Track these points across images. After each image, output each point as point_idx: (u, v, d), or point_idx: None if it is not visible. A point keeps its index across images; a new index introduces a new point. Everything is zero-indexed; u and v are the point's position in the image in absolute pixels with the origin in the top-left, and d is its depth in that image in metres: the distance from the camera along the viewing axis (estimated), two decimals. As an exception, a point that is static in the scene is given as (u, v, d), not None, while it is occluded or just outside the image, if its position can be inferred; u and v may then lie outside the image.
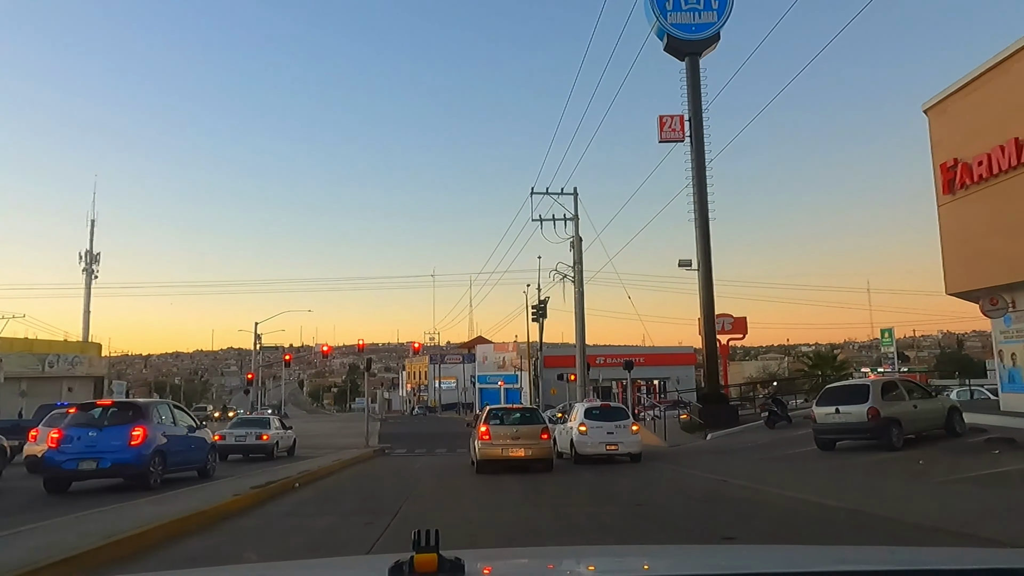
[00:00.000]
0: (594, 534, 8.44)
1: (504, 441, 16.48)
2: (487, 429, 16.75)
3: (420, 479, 16.43)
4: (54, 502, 11.69)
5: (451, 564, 1.58)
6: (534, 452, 16.48)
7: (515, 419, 17.36)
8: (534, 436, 16.71)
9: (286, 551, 7.44)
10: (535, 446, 16.54)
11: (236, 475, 14.99)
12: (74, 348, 77.32)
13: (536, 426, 17.26)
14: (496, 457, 16.31)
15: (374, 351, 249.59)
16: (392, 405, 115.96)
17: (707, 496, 12.21)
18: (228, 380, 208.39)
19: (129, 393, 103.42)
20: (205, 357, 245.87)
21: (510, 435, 16.58)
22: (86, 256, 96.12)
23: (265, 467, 17.74)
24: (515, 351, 68.11)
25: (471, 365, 79.52)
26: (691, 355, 65.44)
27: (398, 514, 10.11)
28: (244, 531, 9.00)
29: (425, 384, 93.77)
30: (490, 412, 17.87)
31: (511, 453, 16.31)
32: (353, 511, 10.87)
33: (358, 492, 13.78)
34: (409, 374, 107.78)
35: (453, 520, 9.75)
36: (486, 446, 16.47)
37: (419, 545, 1.60)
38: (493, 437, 16.52)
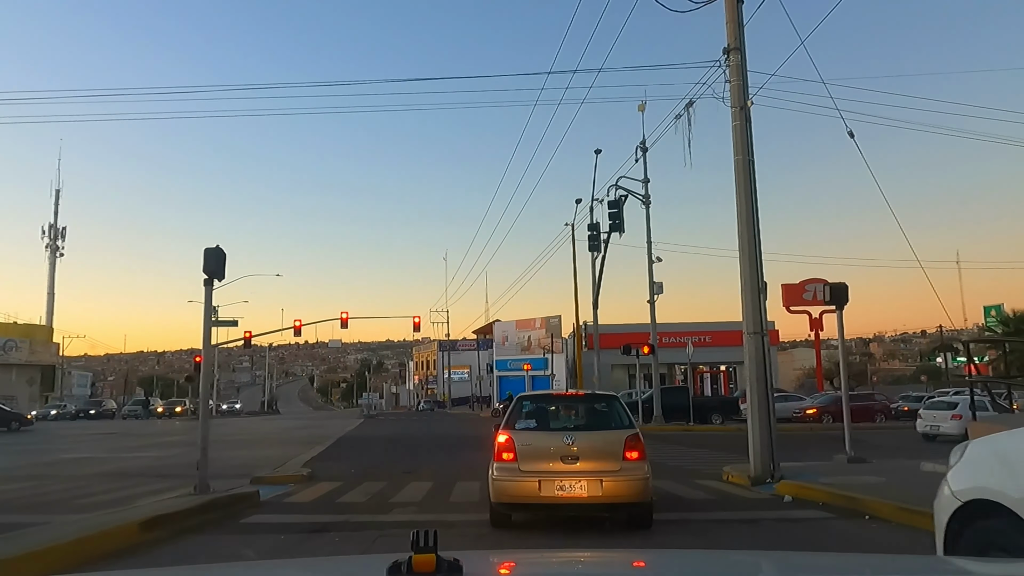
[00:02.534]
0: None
1: (545, 464, 7.58)
2: (509, 439, 7.79)
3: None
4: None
5: (449, 565, 1.55)
6: (611, 489, 7.49)
7: (569, 416, 8.83)
8: (610, 453, 7.72)
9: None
10: (614, 475, 7.56)
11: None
12: (14, 331, 66.20)
13: (613, 433, 8.05)
14: (528, 499, 7.53)
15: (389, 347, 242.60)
16: (400, 400, 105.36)
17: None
18: (239, 376, 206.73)
19: (94, 386, 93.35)
20: (220, 353, 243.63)
21: (559, 451, 7.64)
22: (50, 231, 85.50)
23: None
24: (543, 328, 54.94)
25: (487, 353, 66.67)
26: (772, 332, 51.98)
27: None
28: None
29: (434, 375, 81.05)
30: (519, 403, 8.68)
31: (561, 492, 7.44)
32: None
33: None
34: (417, 365, 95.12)
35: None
36: (508, 474, 7.65)
37: (417, 545, 1.57)
38: (523, 455, 7.65)
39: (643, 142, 28.80)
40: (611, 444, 7.66)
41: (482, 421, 41.29)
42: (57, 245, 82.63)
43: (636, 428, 8.01)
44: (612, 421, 8.21)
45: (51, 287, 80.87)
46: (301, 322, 51.52)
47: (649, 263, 29.11)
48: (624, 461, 7.48)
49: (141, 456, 18.29)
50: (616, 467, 7.45)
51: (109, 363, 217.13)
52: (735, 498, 10.44)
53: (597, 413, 8.66)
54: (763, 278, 11.96)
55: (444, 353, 71.80)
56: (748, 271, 11.87)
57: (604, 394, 9.57)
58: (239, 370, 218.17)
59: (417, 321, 50.68)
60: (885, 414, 32.90)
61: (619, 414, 8.29)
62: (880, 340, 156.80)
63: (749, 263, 11.87)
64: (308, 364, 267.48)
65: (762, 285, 11.92)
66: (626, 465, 7.47)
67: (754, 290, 11.84)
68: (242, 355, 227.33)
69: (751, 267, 11.86)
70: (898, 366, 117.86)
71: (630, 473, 7.44)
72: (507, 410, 8.54)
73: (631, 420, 8.19)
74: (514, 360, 56.19)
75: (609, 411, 8.48)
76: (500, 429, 7.90)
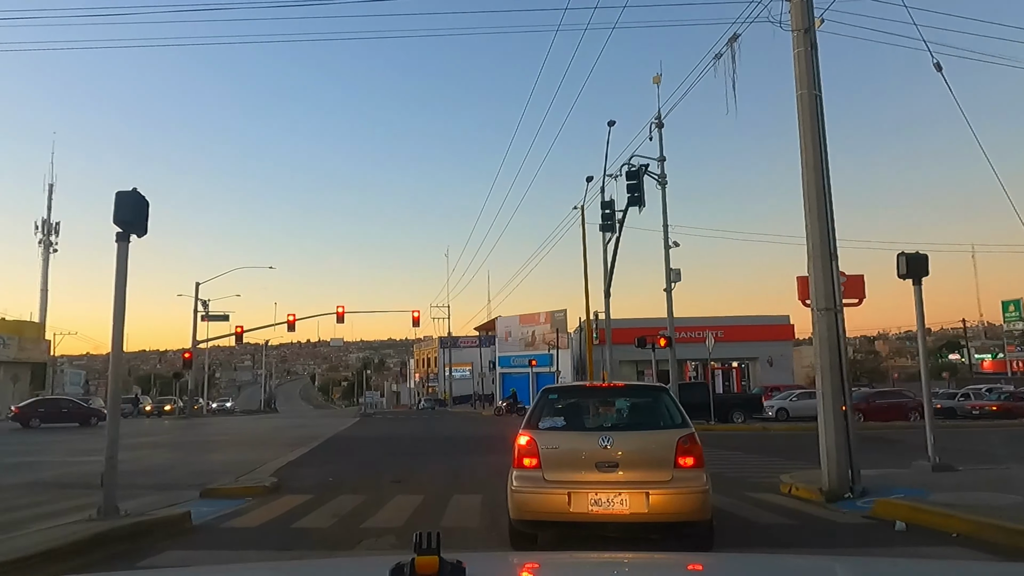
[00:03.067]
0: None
1: (577, 473, 6.09)
2: (531, 442, 6.29)
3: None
4: None
5: (452, 567, 1.55)
6: (660, 505, 5.90)
7: (606, 413, 7.19)
8: (659, 459, 6.12)
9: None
10: (663, 487, 5.97)
11: None
12: (3, 328, 63.88)
13: (662, 433, 6.40)
14: (555, 515, 6.03)
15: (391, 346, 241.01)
16: (401, 398, 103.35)
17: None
18: (240, 374, 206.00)
19: (87, 384, 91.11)
20: (221, 352, 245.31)
21: (594, 456, 6.08)
22: (43, 226, 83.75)
23: None
24: (548, 322, 52.52)
25: (489, 350, 64.32)
26: (787, 327, 49.56)
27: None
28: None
29: (435, 373, 78.75)
30: (544, 397, 6.99)
31: (596, 508, 5.92)
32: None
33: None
34: (418, 362, 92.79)
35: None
36: (530, 484, 6.15)
37: (420, 547, 1.57)
38: (548, 462, 6.16)
39: (659, 117, 26.41)
40: (660, 447, 6.18)
41: (484, 420, 39.01)
42: (51, 241, 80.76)
43: (691, 427, 6.36)
44: (660, 418, 6.67)
45: (44, 283, 79.06)
46: (295, 316, 49.55)
47: (665, 248, 26.72)
48: (676, 469, 6.03)
49: (94, 460, 15.99)
50: (666, 476, 5.99)
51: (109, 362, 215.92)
52: (816, 521, 8.04)
53: (642, 409, 7.14)
54: (835, 240, 9.59)
55: (445, 350, 69.43)
56: (817, 232, 9.50)
57: (650, 385, 8.06)
58: (240, 369, 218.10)
59: (416, 315, 48.46)
60: (919, 412, 30.40)
61: (669, 410, 6.71)
62: (885, 338, 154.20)
63: (819, 222, 9.50)
64: (310, 363, 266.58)
65: (834, 249, 9.55)
66: (679, 474, 6.01)
67: (825, 255, 9.47)
68: (244, 354, 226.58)
69: (820, 226, 9.49)
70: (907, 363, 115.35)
71: (684, 484, 5.97)
72: (528, 413, 6.92)
73: (684, 417, 6.51)
74: (517, 357, 53.80)
75: (656, 406, 6.91)
76: (521, 429, 6.46)
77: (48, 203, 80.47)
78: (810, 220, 9.55)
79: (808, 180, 9.62)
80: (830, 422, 9.15)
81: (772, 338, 49.37)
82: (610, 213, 25.22)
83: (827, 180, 9.63)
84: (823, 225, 9.49)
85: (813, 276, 9.49)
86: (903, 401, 31.36)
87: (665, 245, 26.75)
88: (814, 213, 9.53)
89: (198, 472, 13.51)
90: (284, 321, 49.75)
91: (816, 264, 9.47)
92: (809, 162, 9.61)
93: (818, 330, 9.35)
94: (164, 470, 14.42)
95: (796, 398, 34.28)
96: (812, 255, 9.51)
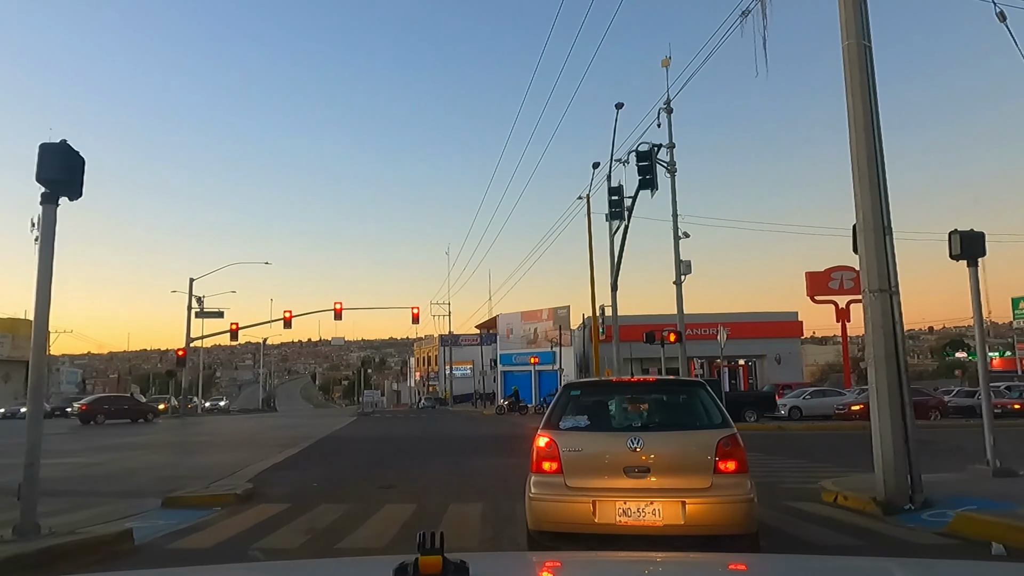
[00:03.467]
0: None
1: (602, 479, 5.42)
2: (550, 444, 5.56)
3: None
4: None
5: (456, 567, 1.52)
6: (698, 515, 5.19)
7: (635, 412, 6.46)
8: (696, 463, 5.41)
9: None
10: (702, 495, 5.26)
11: None
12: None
13: (700, 434, 5.66)
14: (579, 525, 5.31)
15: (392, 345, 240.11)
16: (401, 397, 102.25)
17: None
18: (241, 374, 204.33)
19: (84, 383, 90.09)
20: (222, 351, 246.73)
21: (622, 459, 5.38)
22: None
23: None
24: (551, 319, 51.21)
25: (491, 348, 63.05)
26: (796, 324, 48.24)
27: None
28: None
29: (435, 371, 77.52)
30: (566, 394, 6.29)
31: (625, 518, 5.22)
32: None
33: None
34: (418, 361, 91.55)
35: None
36: (550, 491, 5.48)
37: (424, 547, 1.53)
38: (570, 466, 5.48)
39: (668, 101, 25.16)
40: (697, 450, 5.50)
41: (485, 419, 37.75)
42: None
43: (732, 427, 5.62)
44: (697, 417, 5.93)
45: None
46: (291, 313, 48.39)
47: (675, 238, 25.46)
48: (717, 475, 5.36)
49: (61, 464, 14.75)
50: (705, 483, 5.34)
51: (112, 361, 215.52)
52: (883, 540, 6.74)
53: (676, 406, 6.40)
54: (889, 211, 8.34)
55: (445, 348, 68.19)
56: (868, 202, 8.24)
57: (685, 380, 7.71)
58: (241, 368, 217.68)
59: (416, 312, 47.24)
60: (941, 411, 29.23)
61: (707, 407, 5.93)
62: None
63: (870, 191, 8.25)
64: (311, 362, 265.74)
65: (888, 222, 8.29)
66: (720, 480, 5.35)
67: (878, 228, 8.22)
68: (245, 353, 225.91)
69: (872, 196, 8.24)
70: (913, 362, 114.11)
71: (726, 492, 5.30)
72: (547, 411, 6.18)
73: (725, 416, 5.77)
74: (519, 354, 52.52)
75: (693, 403, 6.12)
76: (540, 429, 5.78)
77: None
78: (860, 189, 8.29)
79: (857, 143, 8.36)
80: (886, 421, 7.90)
81: (780, 335, 48.11)
82: (618, 200, 23.88)
83: (879, 143, 8.38)
84: (875, 194, 8.23)
85: (864, 253, 8.22)
86: (923, 399, 30.08)
87: (674, 236, 25.50)
88: (865, 181, 8.27)
89: (170, 477, 12.29)
90: (280, 318, 48.62)
91: (867, 239, 8.21)
92: (858, 122, 8.35)
93: (870, 315, 8.09)
94: (133, 474, 13.18)
95: (809, 396, 33.12)
96: (863, 229, 8.25)
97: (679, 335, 25.11)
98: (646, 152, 22.02)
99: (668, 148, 25.19)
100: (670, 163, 25.10)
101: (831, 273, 47.98)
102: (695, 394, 6.15)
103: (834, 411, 29.91)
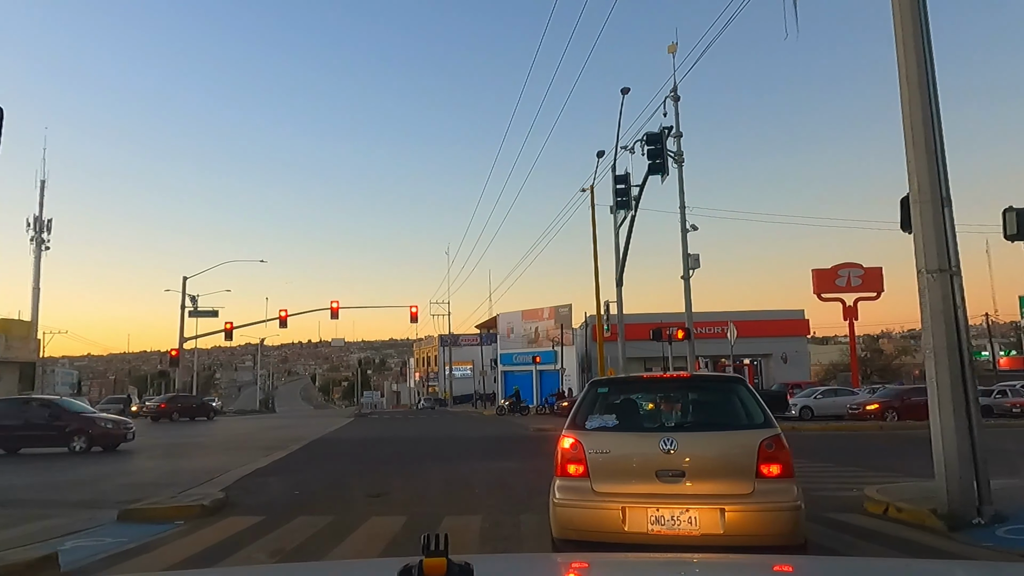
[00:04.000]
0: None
1: (633, 484, 5.01)
2: (575, 445, 5.20)
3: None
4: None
5: (460, 569, 1.52)
6: (740, 524, 4.78)
7: (668, 411, 5.95)
8: (736, 466, 4.99)
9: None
10: (743, 501, 4.83)
11: None
12: (-11, 326, 61.84)
13: (740, 435, 5.22)
14: (607, 534, 4.93)
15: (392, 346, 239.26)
16: (401, 398, 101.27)
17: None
18: (241, 375, 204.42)
19: (79, 385, 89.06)
20: (222, 353, 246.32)
21: (654, 462, 4.98)
22: (35, 223, 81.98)
23: None
24: (552, 318, 50.09)
25: (491, 348, 61.99)
26: (802, 322, 47.11)
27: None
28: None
29: (435, 372, 76.47)
30: (592, 391, 5.83)
31: (658, 527, 4.80)
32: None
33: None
34: (418, 361, 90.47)
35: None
36: (575, 496, 5.11)
37: (428, 549, 1.53)
38: (598, 469, 5.10)
39: (675, 89, 24.09)
40: (737, 452, 5.09)
41: (485, 420, 36.64)
42: (43, 238, 78.89)
43: (776, 427, 5.19)
44: (737, 416, 5.47)
45: (36, 282, 77.17)
46: (287, 312, 47.31)
47: (683, 231, 24.36)
48: (760, 479, 4.95)
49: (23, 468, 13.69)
50: (746, 488, 4.95)
51: (111, 362, 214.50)
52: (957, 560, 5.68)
53: (713, 405, 5.93)
54: (948, 182, 7.26)
55: (445, 348, 67.09)
56: (924, 170, 7.17)
57: (723, 376, 7.33)
58: (241, 369, 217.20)
59: (414, 311, 46.12)
60: (958, 410, 28.06)
61: (747, 405, 5.49)
62: (889, 336, 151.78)
63: (926, 157, 7.17)
64: (311, 363, 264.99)
65: (946, 193, 7.22)
66: (763, 486, 4.93)
67: (936, 201, 7.14)
68: (245, 354, 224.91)
69: (928, 163, 7.17)
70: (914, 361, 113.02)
71: (770, 499, 4.90)
72: (572, 411, 5.78)
73: (767, 415, 5.31)
74: (520, 354, 51.42)
75: (731, 401, 5.63)
76: (565, 430, 5.45)
77: (40, 199, 78.62)
78: (915, 155, 7.22)
79: (910, 102, 7.29)
80: (948, 420, 6.82)
81: (786, 333, 47.01)
82: (625, 188, 22.72)
83: (935, 101, 7.30)
84: (932, 162, 7.16)
85: (921, 228, 7.15)
86: (939, 398, 28.99)
87: (682, 228, 24.41)
88: (920, 146, 7.19)
89: (139, 484, 11.23)
90: (276, 317, 47.55)
91: (923, 212, 7.14)
92: (911, 78, 7.28)
93: (928, 299, 7.02)
94: (99, 480, 12.09)
95: (820, 395, 32.09)
96: (918, 200, 7.18)
97: (687, 331, 24.03)
98: (656, 135, 20.92)
99: (675, 137, 24.15)
100: (677, 152, 24.03)
101: (838, 270, 47.00)
102: (733, 391, 5.68)
103: (847, 411, 28.85)
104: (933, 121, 7.22)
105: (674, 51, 24.43)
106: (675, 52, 24.35)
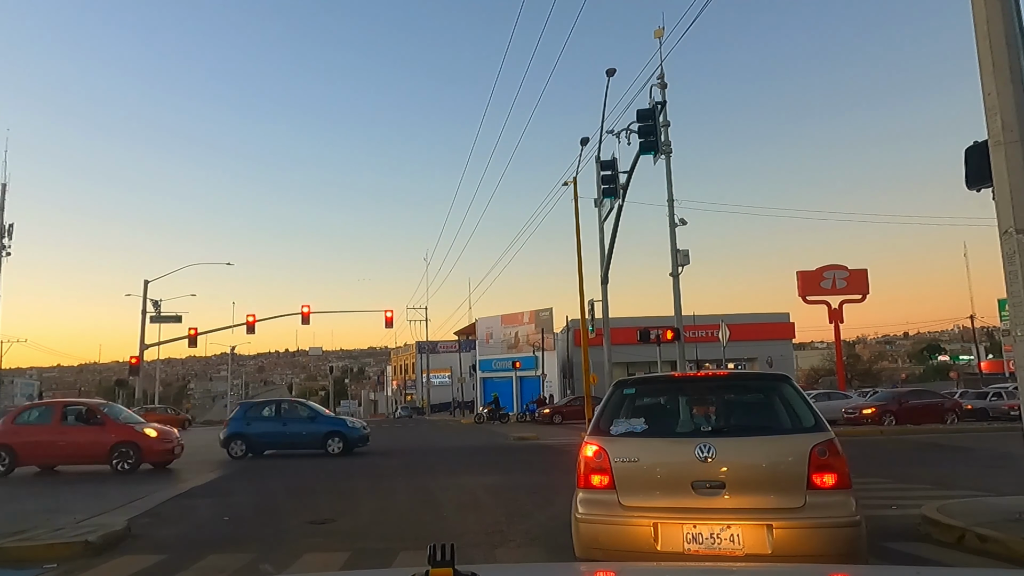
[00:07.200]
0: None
1: (665, 496, 4.39)
2: (599, 452, 4.57)
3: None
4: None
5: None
6: (789, 543, 4.06)
7: (703, 415, 5.11)
8: (783, 476, 4.28)
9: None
10: (792, 516, 4.13)
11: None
12: (-66, 335, 58.93)
13: (786, 440, 4.49)
14: (637, 554, 4.25)
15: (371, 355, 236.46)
16: (378, 407, 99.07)
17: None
18: (215, 385, 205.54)
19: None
20: (196, 363, 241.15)
21: (689, 472, 4.32)
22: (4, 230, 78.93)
23: None
24: (532, 322, 48.42)
25: (469, 354, 60.21)
26: (788, 326, 45.91)
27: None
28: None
29: (413, 379, 74.43)
30: (618, 392, 5.09)
31: (695, 546, 4.17)
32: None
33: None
34: (395, 369, 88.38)
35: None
36: (600, 511, 4.47)
37: (434, 560, 1.53)
38: (625, 480, 4.48)
39: (661, 76, 22.65)
40: (785, 460, 4.33)
41: (462, 429, 34.80)
42: (3, 244, 75.94)
43: (829, 431, 4.39)
44: (782, 419, 4.70)
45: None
46: (255, 317, 45.03)
47: (671, 226, 22.87)
48: (812, 491, 4.19)
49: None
50: (797, 501, 4.18)
51: (82, 373, 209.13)
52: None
53: (755, 406, 5.17)
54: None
55: (423, 355, 65.09)
56: (1010, 100, 5.61)
57: (765, 373, 6.25)
58: (216, 379, 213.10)
59: (389, 316, 44.05)
60: (958, 414, 26.90)
61: (794, 407, 4.67)
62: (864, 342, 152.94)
63: (1011, 85, 5.62)
64: (288, 372, 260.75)
65: (1036, 132, 5.65)
66: (816, 498, 4.17)
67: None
68: (220, 364, 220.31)
69: (1015, 92, 5.61)
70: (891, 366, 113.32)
71: (824, 513, 4.13)
72: (595, 415, 5.06)
73: (819, 418, 4.50)
74: (500, 360, 49.65)
75: (775, 402, 4.83)
76: (587, 436, 4.76)
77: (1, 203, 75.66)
78: (998, 82, 5.67)
79: (988, 20, 5.73)
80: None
81: (772, 337, 45.83)
82: (611, 175, 21.11)
83: (1020, 14, 5.75)
84: (1019, 94, 5.60)
85: (1008, 176, 5.58)
86: (938, 402, 27.81)
87: (670, 222, 22.89)
88: (1003, 72, 5.65)
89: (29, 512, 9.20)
90: (244, 323, 45.36)
91: (1011, 155, 5.57)
92: (990, -13, 5.72)
93: (1020, 264, 5.44)
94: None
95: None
96: (1003, 142, 5.62)
97: (677, 332, 22.50)
98: (648, 111, 19.35)
99: (663, 127, 22.67)
100: (665, 142, 22.54)
101: (823, 272, 45.98)
102: (778, 390, 4.90)
103: (843, 415, 27.59)
104: (1020, 38, 5.68)
105: (661, 36, 23.00)
106: (662, 37, 22.95)
